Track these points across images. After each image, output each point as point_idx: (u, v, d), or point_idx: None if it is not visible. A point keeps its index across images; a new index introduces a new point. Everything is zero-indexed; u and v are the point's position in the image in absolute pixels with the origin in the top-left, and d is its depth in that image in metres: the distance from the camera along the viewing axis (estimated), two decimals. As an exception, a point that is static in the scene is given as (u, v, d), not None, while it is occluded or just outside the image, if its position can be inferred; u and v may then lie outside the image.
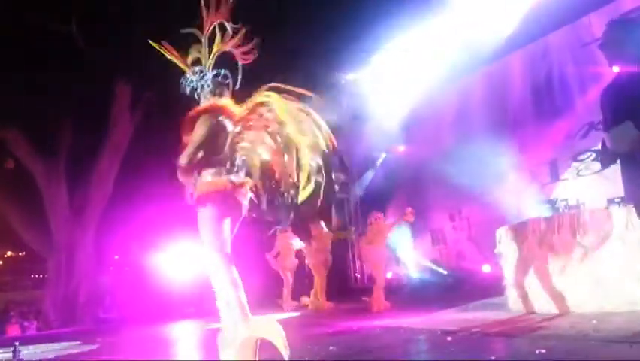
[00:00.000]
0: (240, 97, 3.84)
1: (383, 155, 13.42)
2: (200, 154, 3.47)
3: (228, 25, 3.83)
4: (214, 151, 3.52)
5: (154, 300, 11.04)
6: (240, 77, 3.93)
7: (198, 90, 3.86)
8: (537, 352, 3.53)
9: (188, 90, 3.91)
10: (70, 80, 9.92)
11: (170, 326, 9.73)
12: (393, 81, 11.37)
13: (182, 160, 3.45)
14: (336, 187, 12.31)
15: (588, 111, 8.19)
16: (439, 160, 9.41)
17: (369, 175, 13.13)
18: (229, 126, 3.60)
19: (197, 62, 3.91)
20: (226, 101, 3.73)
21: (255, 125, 3.63)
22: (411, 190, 10.96)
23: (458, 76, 10.22)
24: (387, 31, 9.98)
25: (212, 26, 3.85)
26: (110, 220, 11.21)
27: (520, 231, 6.76)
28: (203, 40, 3.87)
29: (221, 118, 3.59)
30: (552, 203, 7.04)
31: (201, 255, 3.81)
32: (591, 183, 7.96)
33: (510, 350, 4.15)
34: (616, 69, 3.53)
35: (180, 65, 3.94)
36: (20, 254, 15.90)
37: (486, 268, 10.57)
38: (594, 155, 7.96)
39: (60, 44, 10.35)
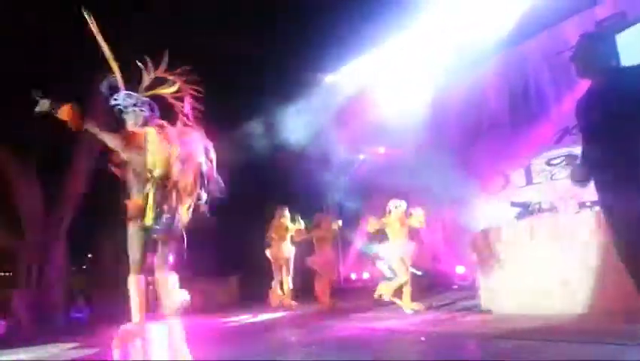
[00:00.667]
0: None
1: (361, 156, 13.50)
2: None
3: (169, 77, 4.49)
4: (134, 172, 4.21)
5: (127, 299, 10.89)
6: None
7: (123, 110, 4.37)
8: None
9: (114, 103, 4.39)
10: (44, 77, 9.72)
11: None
12: (373, 84, 11.44)
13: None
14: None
15: (563, 117, 8.39)
16: (417, 163, 9.51)
17: (347, 177, 13.20)
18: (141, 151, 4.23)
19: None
20: (148, 129, 4.33)
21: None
22: (388, 192, 11.05)
23: (438, 81, 10.34)
24: (368, 33, 10.04)
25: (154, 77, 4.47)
26: (84, 219, 11.05)
27: (494, 234, 6.90)
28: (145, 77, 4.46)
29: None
30: (526, 206, 7.18)
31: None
32: (564, 187, 8.14)
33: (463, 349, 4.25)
34: (585, 82, 3.64)
35: (114, 68, 4.39)
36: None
37: (460, 270, 10.74)
38: (566, 159, 8.15)
39: (37, 41, 10.14)
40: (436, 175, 8.76)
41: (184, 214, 4.25)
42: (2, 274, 14.35)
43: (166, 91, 4.53)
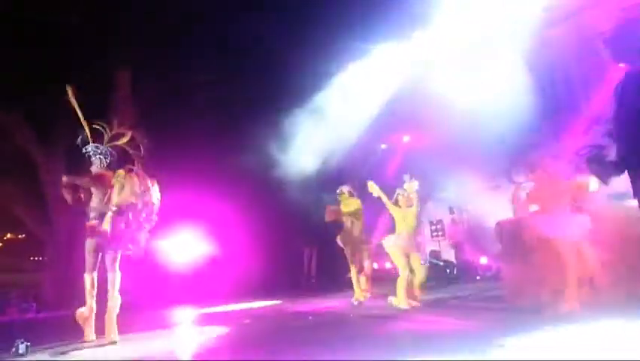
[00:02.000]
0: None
1: (383, 146, 13.42)
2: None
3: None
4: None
5: (152, 285, 11.13)
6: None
7: (92, 157, 6.02)
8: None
9: (84, 152, 6.06)
10: (71, 66, 9.90)
11: (169, 310, 9.86)
12: (397, 71, 11.27)
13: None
14: None
15: (593, 107, 8.17)
16: (442, 152, 9.40)
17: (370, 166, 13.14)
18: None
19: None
20: (119, 171, 5.96)
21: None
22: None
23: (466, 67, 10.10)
24: (385, 24, 9.95)
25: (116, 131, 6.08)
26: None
27: (519, 225, 6.79)
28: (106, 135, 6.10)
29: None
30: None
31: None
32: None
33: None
34: (622, 65, 3.48)
35: (86, 129, 6.07)
36: (20, 237, 15.97)
37: (483, 261, 10.65)
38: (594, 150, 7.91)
39: (61, 30, 10.31)
40: (462, 165, 8.66)
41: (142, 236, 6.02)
42: (33, 258, 14.82)
43: (121, 142, 6.10)
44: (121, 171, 5.94)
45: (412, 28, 10.34)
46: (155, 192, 6.15)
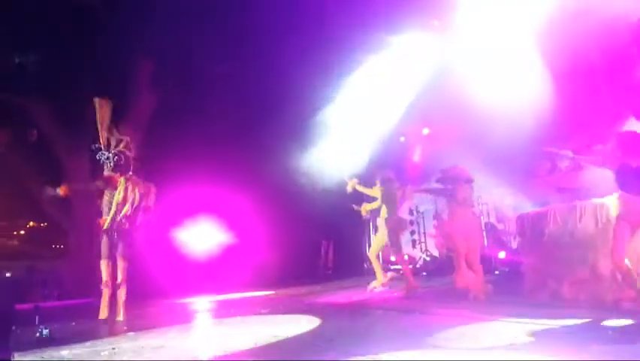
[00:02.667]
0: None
1: (402, 138, 13.33)
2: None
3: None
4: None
5: (171, 274, 11.26)
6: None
7: (103, 162, 7.09)
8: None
9: (97, 158, 7.15)
10: (93, 53, 10.02)
11: (188, 298, 10.00)
12: (415, 64, 11.15)
13: None
14: None
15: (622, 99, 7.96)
16: (461, 144, 9.28)
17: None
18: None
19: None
20: (113, 174, 7.05)
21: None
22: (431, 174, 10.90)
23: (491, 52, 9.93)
24: (407, 12, 9.82)
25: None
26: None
27: (541, 218, 6.71)
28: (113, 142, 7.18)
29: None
30: (575, 191, 6.95)
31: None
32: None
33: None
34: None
35: (101, 136, 7.15)
36: (42, 225, 16.21)
37: (502, 255, 10.52)
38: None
39: (83, 17, 10.41)
40: (480, 158, 8.54)
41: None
42: (54, 246, 15.06)
43: (120, 147, 7.16)
44: (122, 178, 7.09)
45: (434, 18, 10.22)
46: (146, 196, 7.20)
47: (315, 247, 13.45)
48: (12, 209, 13.68)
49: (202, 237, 12.37)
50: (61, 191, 7.17)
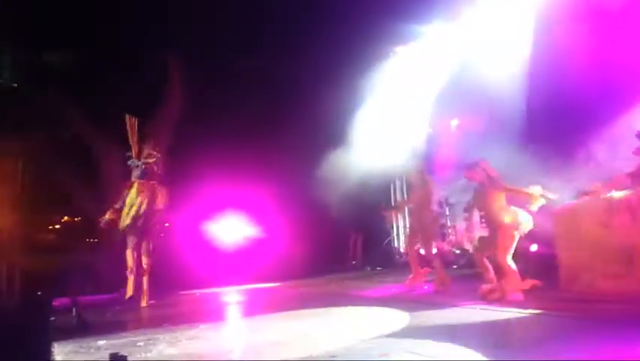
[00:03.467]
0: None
1: (429, 130, 13.19)
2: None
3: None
4: None
5: (201, 267, 11.45)
6: None
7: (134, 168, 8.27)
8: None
9: (129, 163, 8.41)
10: (126, 52, 10.19)
11: (216, 291, 10.15)
12: (446, 54, 10.99)
13: None
14: None
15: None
16: (494, 135, 9.11)
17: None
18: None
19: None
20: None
21: None
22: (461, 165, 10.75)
23: (518, 44, 9.69)
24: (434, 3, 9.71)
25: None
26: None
27: (576, 211, 6.57)
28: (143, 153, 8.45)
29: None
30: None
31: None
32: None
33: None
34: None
35: (133, 147, 8.42)
36: (76, 219, 16.59)
37: (533, 248, 10.32)
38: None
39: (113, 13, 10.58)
40: (515, 148, 8.37)
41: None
42: (88, 240, 15.38)
43: (149, 160, 8.37)
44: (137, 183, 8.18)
45: (461, 8, 10.07)
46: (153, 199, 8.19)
47: (343, 240, 13.49)
48: (48, 204, 14.05)
49: (232, 230, 12.55)
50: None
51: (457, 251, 11.82)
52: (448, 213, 12.29)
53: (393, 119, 11.68)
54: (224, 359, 3.78)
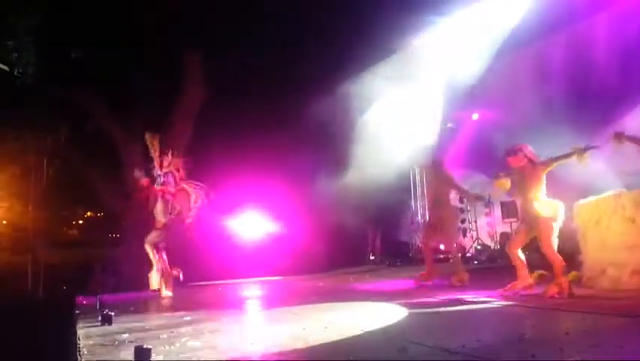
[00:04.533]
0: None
1: (449, 124, 13.07)
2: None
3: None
4: None
5: (220, 261, 11.58)
6: None
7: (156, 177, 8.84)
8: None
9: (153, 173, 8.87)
10: (146, 48, 10.30)
11: (235, 285, 10.25)
12: (464, 45, 10.86)
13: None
14: None
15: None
16: (514, 128, 8.98)
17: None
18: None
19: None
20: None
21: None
22: (482, 160, 10.66)
23: (536, 37, 9.53)
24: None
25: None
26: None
27: (600, 205, 6.45)
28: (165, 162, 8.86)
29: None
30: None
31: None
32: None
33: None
34: None
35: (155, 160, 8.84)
36: (99, 215, 16.89)
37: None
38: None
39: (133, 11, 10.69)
40: (535, 142, 8.22)
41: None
42: (111, 235, 15.63)
43: (169, 168, 8.83)
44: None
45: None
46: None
47: (362, 235, 13.51)
48: (71, 199, 14.29)
49: (254, 226, 12.69)
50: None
51: (479, 247, 11.74)
52: (468, 208, 12.20)
53: (411, 113, 11.60)
54: (246, 352, 3.80)
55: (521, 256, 6.19)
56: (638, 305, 4.74)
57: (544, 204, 5.92)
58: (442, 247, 11.86)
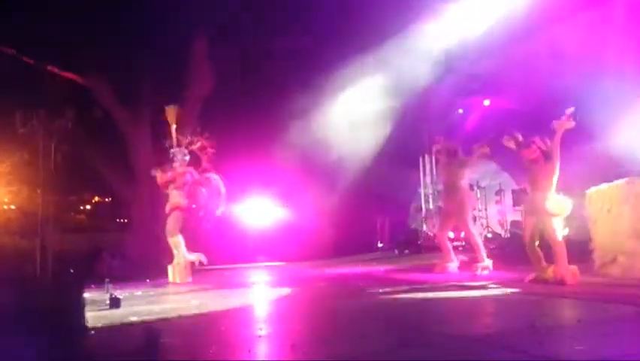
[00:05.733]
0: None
1: (460, 111, 12.94)
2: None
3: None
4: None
5: (228, 246, 11.59)
6: None
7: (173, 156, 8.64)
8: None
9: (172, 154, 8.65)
10: (153, 31, 10.20)
11: (244, 270, 10.30)
12: (477, 28, 10.63)
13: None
14: None
15: None
16: (527, 115, 8.85)
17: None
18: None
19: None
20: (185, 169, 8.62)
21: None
22: (493, 147, 10.52)
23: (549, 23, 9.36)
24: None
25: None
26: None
27: (612, 193, 6.38)
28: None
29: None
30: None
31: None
32: None
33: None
34: None
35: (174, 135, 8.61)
36: (107, 200, 16.94)
37: (564, 232, 10.07)
38: None
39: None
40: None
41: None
42: (119, 220, 15.70)
43: (193, 147, 8.62)
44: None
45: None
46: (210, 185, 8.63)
47: (371, 222, 13.50)
48: (79, 185, 14.32)
49: (266, 212, 12.78)
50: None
51: (489, 235, 11.62)
52: (479, 196, 12.09)
53: (421, 99, 11.47)
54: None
55: (537, 248, 6.17)
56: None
57: (553, 201, 5.92)
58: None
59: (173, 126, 8.65)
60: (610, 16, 8.90)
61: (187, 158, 8.64)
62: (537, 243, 6.21)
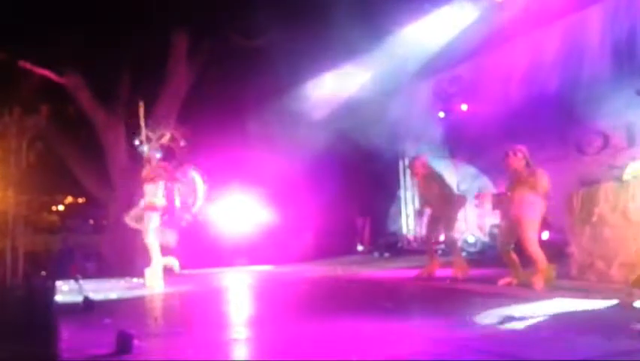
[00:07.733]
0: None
1: (441, 114, 13.00)
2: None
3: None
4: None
5: (207, 249, 11.42)
6: None
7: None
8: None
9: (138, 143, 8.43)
10: (129, 28, 10.01)
11: (223, 272, 10.14)
12: (455, 35, 10.74)
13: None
14: None
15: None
16: (504, 120, 8.94)
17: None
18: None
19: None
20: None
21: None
22: (472, 152, 10.63)
23: (529, 29, 9.48)
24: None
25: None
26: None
27: (590, 196, 6.42)
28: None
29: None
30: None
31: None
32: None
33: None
34: None
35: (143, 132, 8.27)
36: (80, 200, 16.54)
37: (544, 235, 10.16)
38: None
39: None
40: (524, 134, 8.20)
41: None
42: (93, 222, 15.37)
43: (163, 140, 8.29)
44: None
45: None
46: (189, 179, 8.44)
47: (351, 224, 13.47)
48: (52, 184, 13.98)
49: (242, 215, 12.55)
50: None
51: (472, 239, 11.67)
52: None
53: (401, 101, 11.49)
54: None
55: (513, 254, 6.28)
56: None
57: (529, 205, 6.02)
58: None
59: (142, 122, 8.35)
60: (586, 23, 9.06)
61: (158, 154, 8.30)
62: (512, 247, 6.30)
